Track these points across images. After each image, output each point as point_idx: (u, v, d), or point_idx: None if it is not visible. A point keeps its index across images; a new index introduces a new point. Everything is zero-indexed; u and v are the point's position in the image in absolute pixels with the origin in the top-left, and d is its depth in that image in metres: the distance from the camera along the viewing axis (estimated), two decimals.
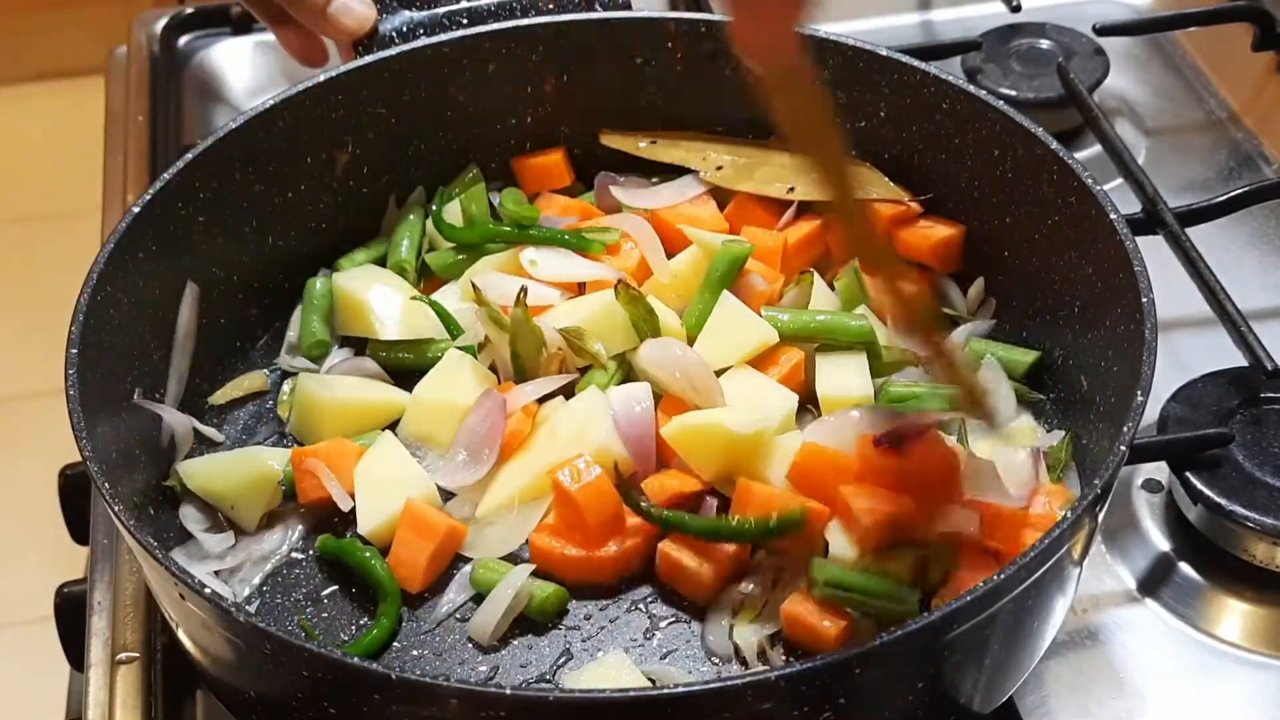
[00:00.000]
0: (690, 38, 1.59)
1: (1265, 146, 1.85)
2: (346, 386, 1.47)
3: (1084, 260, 1.40)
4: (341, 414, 1.43)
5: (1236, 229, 1.72)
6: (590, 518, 1.31)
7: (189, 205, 1.46)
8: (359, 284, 1.52)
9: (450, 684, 1.06)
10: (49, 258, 3.62)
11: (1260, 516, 1.37)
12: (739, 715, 1.06)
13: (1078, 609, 1.40)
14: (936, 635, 1.10)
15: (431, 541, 1.33)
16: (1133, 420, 1.21)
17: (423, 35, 1.58)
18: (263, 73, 2.02)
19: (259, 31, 2.05)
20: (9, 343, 3.41)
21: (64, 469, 1.71)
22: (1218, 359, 1.50)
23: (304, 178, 1.56)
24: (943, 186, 1.55)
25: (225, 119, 1.53)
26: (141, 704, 1.33)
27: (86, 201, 2.33)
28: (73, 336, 1.29)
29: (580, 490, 1.31)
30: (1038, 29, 1.92)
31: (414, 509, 1.34)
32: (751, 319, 1.45)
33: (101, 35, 2.77)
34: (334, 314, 1.54)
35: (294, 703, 1.15)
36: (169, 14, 2.04)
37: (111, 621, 1.39)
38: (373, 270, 1.56)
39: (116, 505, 1.19)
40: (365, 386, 1.47)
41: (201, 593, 1.12)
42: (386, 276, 1.55)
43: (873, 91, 1.55)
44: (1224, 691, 1.34)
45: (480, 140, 1.63)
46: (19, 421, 3.27)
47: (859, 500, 1.28)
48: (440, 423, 1.42)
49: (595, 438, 1.36)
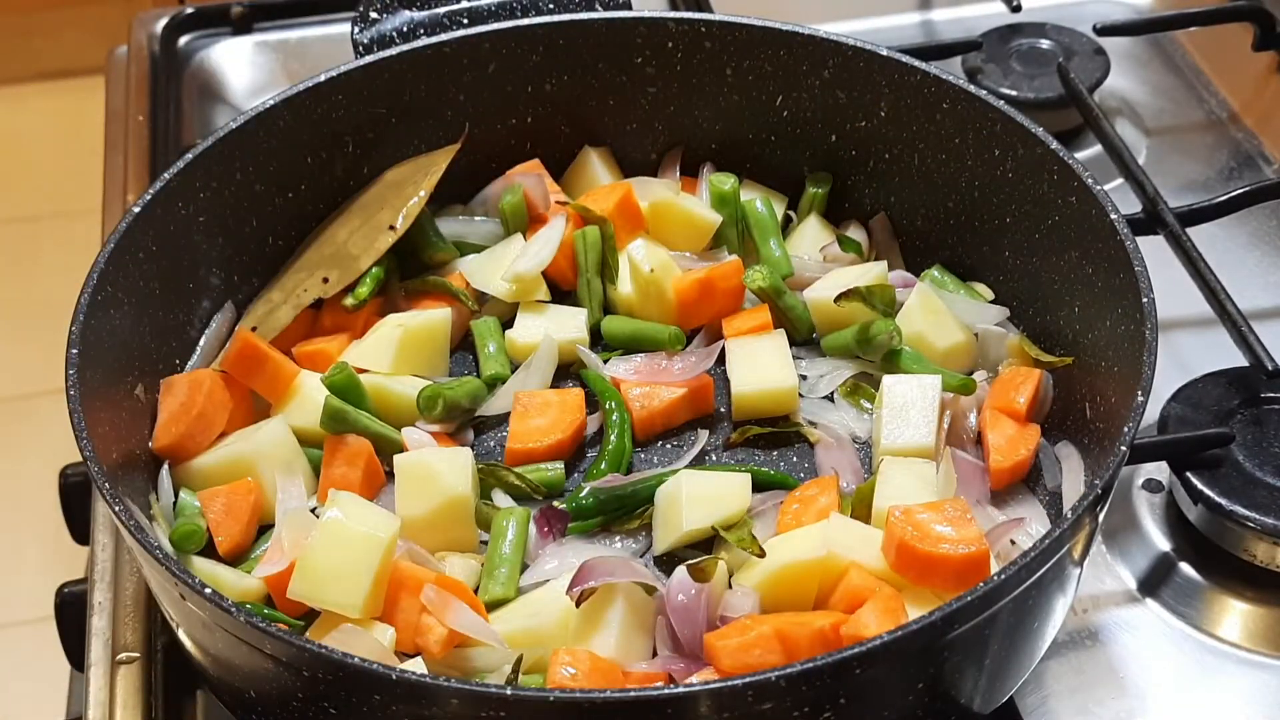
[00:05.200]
0: (690, 38, 1.59)
1: (1265, 146, 1.85)
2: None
3: (1084, 260, 1.40)
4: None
5: (1237, 229, 1.73)
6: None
7: (189, 205, 1.46)
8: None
9: (450, 684, 1.06)
10: (49, 258, 3.62)
11: (1260, 516, 1.37)
12: (739, 715, 1.06)
13: (1078, 609, 1.40)
14: (936, 635, 1.10)
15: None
16: (1133, 420, 1.21)
17: (423, 35, 1.58)
18: (263, 73, 2.02)
19: (259, 31, 2.05)
20: (9, 343, 3.41)
21: (64, 469, 1.71)
22: (1218, 359, 1.50)
23: (304, 178, 1.56)
24: (943, 186, 1.55)
25: (225, 119, 1.53)
26: (142, 704, 1.33)
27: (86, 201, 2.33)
28: (73, 336, 1.29)
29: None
30: (1038, 29, 1.92)
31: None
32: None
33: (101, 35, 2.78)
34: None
35: (294, 703, 1.15)
36: (169, 14, 2.04)
37: (112, 621, 1.39)
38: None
39: (116, 505, 1.19)
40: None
41: (202, 593, 1.12)
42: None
43: (873, 91, 1.56)
44: (1224, 691, 1.34)
45: (480, 140, 1.62)
46: (19, 421, 3.27)
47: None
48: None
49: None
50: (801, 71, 1.58)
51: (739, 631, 1.22)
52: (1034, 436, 1.41)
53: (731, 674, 1.13)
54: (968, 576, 1.24)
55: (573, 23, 1.59)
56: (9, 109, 4.04)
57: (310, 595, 1.25)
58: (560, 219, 1.56)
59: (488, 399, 1.49)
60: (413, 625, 1.26)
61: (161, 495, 1.38)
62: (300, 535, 1.28)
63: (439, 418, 1.45)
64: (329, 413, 1.40)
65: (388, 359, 1.48)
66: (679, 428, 1.49)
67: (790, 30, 1.56)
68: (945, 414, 1.42)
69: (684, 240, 1.59)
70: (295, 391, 1.45)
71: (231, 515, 1.36)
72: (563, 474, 1.43)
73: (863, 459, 1.44)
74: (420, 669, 1.21)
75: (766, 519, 1.37)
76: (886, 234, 1.62)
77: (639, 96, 1.64)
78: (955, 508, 1.27)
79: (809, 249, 1.60)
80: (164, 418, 1.40)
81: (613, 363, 1.50)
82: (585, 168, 1.65)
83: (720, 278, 1.52)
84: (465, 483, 1.35)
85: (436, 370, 1.52)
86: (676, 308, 1.52)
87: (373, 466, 1.41)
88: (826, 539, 1.29)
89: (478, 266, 1.58)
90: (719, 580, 1.29)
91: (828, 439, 1.46)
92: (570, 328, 1.53)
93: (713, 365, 1.49)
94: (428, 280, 1.57)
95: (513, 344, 1.53)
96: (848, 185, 1.63)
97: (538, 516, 1.38)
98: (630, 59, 1.61)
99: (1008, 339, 1.49)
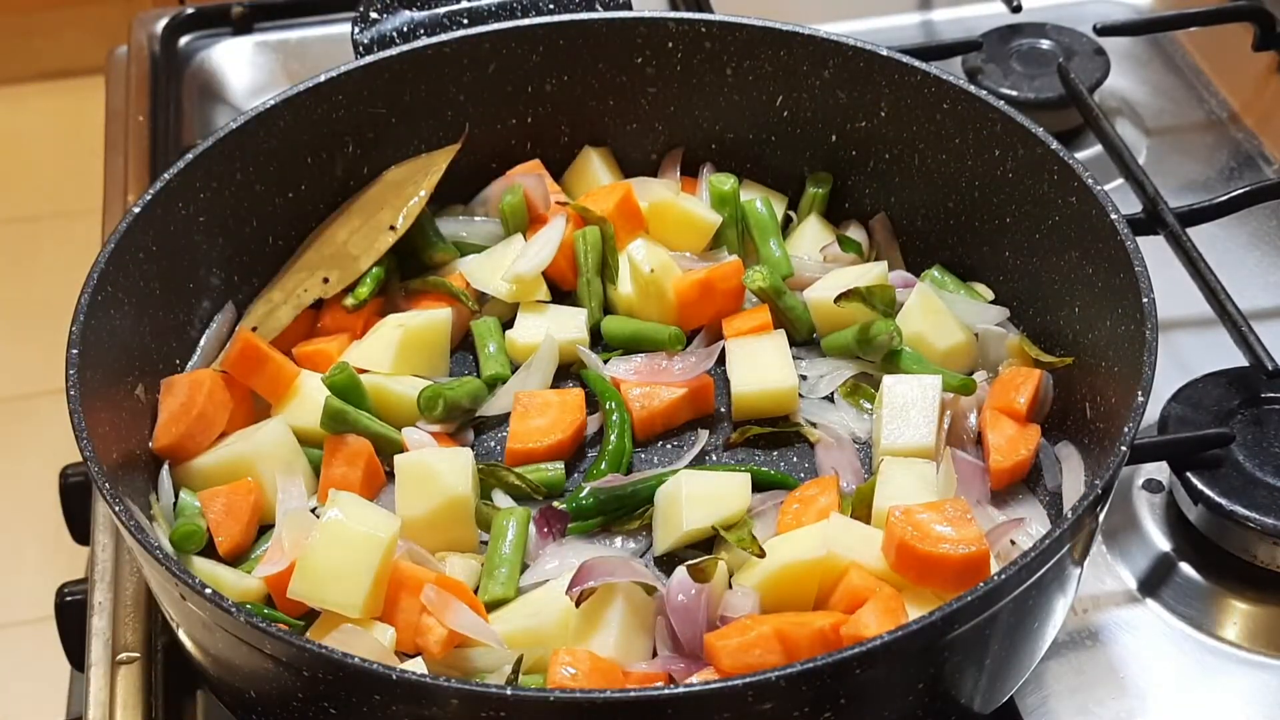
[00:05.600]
0: (690, 38, 1.59)
1: (1265, 146, 1.85)
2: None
3: (1084, 260, 1.40)
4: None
5: (1237, 229, 1.73)
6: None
7: (189, 205, 1.46)
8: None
9: (450, 684, 1.06)
10: (49, 258, 3.62)
11: (1261, 516, 1.37)
12: (739, 715, 1.06)
13: (1078, 609, 1.39)
14: (937, 635, 1.10)
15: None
16: (1133, 420, 1.21)
17: (423, 35, 1.58)
18: (263, 73, 2.02)
19: (259, 31, 2.05)
20: (9, 343, 3.41)
21: (64, 469, 1.71)
22: (1218, 359, 1.50)
23: (304, 178, 1.56)
24: (943, 186, 1.55)
25: (225, 119, 1.53)
26: (142, 704, 1.33)
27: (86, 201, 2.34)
28: (73, 336, 1.29)
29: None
30: (1038, 29, 1.92)
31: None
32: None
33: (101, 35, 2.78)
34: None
35: (294, 703, 1.15)
36: (169, 14, 2.04)
37: (112, 621, 1.39)
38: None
39: (117, 505, 1.19)
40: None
41: (202, 593, 1.12)
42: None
43: (873, 91, 1.56)
44: (1225, 692, 1.34)
45: (480, 140, 1.62)
46: (19, 421, 3.27)
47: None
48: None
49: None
50: (802, 71, 1.58)
51: (739, 631, 1.22)
52: (1034, 437, 1.41)
53: (731, 674, 1.13)
54: (968, 576, 1.24)
55: (573, 23, 1.59)
56: (9, 109, 4.04)
57: (310, 595, 1.25)
58: (560, 219, 1.56)
59: (488, 399, 1.49)
60: (413, 625, 1.26)
61: (161, 495, 1.38)
62: (300, 535, 1.28)
63: (439, 418, 1.45)
64: (329, 413, 1.40)
65: (388, 359, 1.47)
66: (679, 428, 1.49)
67: (790, 30, 1.56)
68: (945, 414, 1.42)
69: (684, 240, 1.59)
70: (295, 392, 1.45)
71: (231, 515, 1.36)
72: (563, 474, 1.43)
73: (863, 459, 1.44)
74: (420, 669, 1.21)
75: (766, 519, 1.37)
76: (886, 234, 1.62)
77: (639, 96, 1.64)
78: (955, 508, 1.27)
79: (809, 249, 1.60)
80: (164, 418, 1.40)
81: (613, 363, 1.50)
82: (585, 168, 1.65)
83: (720, 278, 1.52)
84: (465, 483, 1.35)
85: (437, 370, 1.52)
86: (676, 308, 1.52)
87: (373, 466, 1.41)
88: (826, 539, 1.28)
89: (478, 266, 1.58)
90: (719, 580, 1.29)
91: (828, 439, 1.46)
92: (570, 328, 1.53)
93: (713, 365, 1.49)
94: (428, 280, 1.57)
95: (513, 344, 1.53)
96: (848, 185, 1.63)
97: (538, 517, 1.38)
98: (630, 59, 1.61)
99: (1008, 339, 1.49)
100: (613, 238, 1.55)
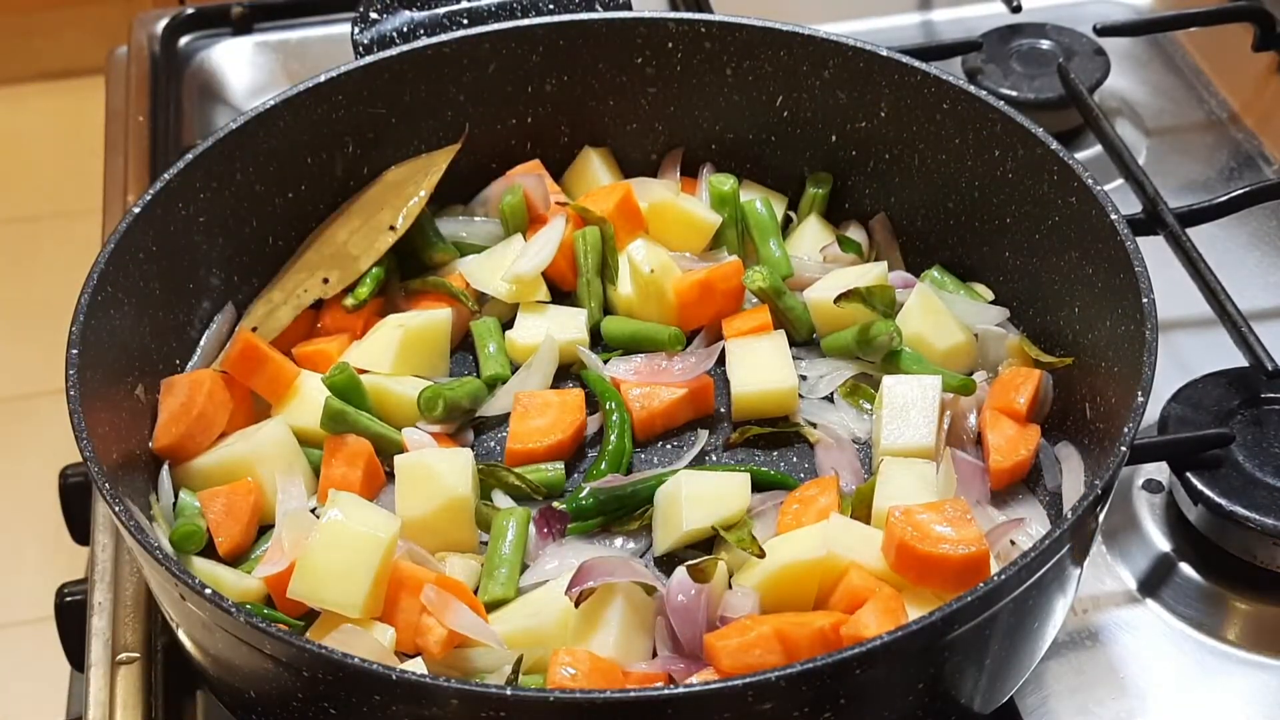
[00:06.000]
0: (690, 38, 1.59)
1: (1265, 146, 1.85)
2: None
3: (1084, 260, 1.40)
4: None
5: (1237, 229, 1.73)
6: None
7: (189, 205, 1.46)
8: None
9: (450, 684, 1.06)
10: (49, 258, 3.62)
11: (1261, 517, 1.37)
12: (739, 715, 1.06)
13: (1078, 609, 1.39)
14: (937, 635, 1.10)
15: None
16: (1133, 420, 1.21)
17: (423, 35, 1.58)
18: (263, 73, 2.02)
19: (259, 32, 2.05)
20: (9, 343, 3.41)
21: (64, 469, 1.71)
22: (1218, 359, 1.50)
23: (304, 178, 1.56)
24: (943, 186, 1.55)
25: (225, 119, 1.53)
26: (142, 704, 1.33)
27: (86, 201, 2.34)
28: (73, 336, 1.29)
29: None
30: (1038, 29, 1.92)
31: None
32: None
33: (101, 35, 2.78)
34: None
35: (294, 703, 1.15)
36: (169, 14, 2.04)
37: (112, 621, 1.39)
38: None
39: (117, 505, 1.19)
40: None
41: (201, 593, 1.12)
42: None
43: (873, 91, 1.56)
44: (1225, 692, 1.34)
45: (480, 140, 1.62)
46: (19, 421, 3.27)
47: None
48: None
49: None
50: (802, 72, 1.58)
51: (739, 632, 1.22)
52: (1034, 437, 1.41)
53: (731, 674, 1.13)
54: (968, 577, 1.24)
55: (573, 23, 1.59)
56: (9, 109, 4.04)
57: (310, 595, 1.25)
58: (560, 219, 1.56)
59: (488, 399, 1.49)
60: (413, 625, 1.26)
61: (161, 495, 1.38)
62: (300, 535, 1.28)
63: (439, 418, 1.45)
64: (329, 413, 1.40)
65: (388, 359, 1.48)
66: (679, 428, 1.49)
67: (790, 30, 1.56)
68: (945, 414, 1.42)
69: (684, 241, 1.59)
70: (295, 392, 1.45)
71: (231, 516, 1.36)
72: (563, 474, 1.43)
73: (863, 459, 1.44)
74: (420, 669, 1.21)
75: (766, 519, 1.37)
76: (886, 234, 1.62)
77: (639, 96, 1.64)
78: (955, 508, 1.27)
79: (809, 249, 1.60)
80: (164, 418, 1.40)
81: (613, 363, 1.50)
82: (585, 168, 1.65)
83: (720, 278, 1.52)
84: (465, 483, 1.35)
85: (437, 370, 1.52)
86: (676, 308, 1.52)
87: (373, 467, 1.41)
88: (826, 539, 1.29)
89: (478, 267, 1.58)
90: (719, 580, 1.29)
91: (828, 439, 1.46)
92: (570, 328, 1.53)
93: (713, 366, 1.49)
94: (428, 280, 1.57)
95: (513, 344, 1.53)
96: (848, 185, 1.63)
97: (537, 517, 1.38)
98: (630, 59, 1.61)
99: (1008, 339, 1.49)
100: (612, 238, 1.55)
